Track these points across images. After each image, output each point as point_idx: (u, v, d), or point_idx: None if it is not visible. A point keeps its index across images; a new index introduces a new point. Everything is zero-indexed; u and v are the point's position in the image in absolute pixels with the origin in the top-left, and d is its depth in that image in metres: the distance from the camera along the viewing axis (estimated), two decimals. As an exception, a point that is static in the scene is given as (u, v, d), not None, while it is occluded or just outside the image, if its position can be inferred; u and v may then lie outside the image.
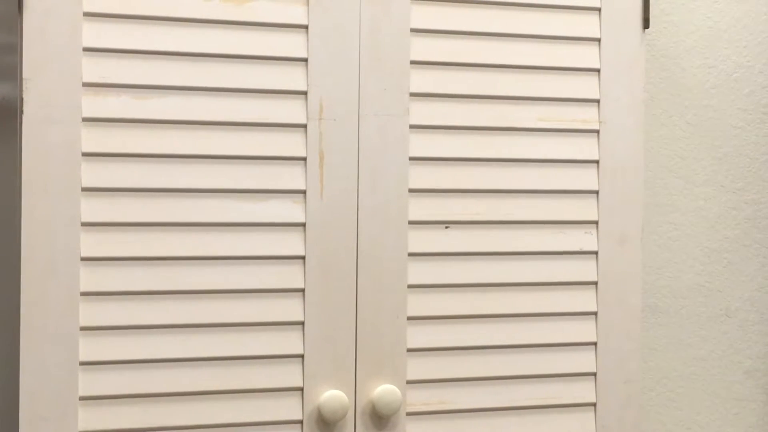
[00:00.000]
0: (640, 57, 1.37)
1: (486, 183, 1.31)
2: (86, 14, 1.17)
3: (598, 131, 1.35)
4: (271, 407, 1.24)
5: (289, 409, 1.24)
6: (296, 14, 1.24)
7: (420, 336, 1.29)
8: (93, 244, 1.17)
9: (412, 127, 1.28)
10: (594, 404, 1.36)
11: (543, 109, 1.33)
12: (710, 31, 1.69)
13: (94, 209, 1.17)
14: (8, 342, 1.21)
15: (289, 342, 1.24)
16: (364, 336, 1.26)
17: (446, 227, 1.30)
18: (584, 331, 1.35)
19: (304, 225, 1.24)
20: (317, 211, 1.24)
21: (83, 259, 1.17)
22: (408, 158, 1.28)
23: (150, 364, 1.20)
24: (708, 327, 1.70)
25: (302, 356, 1.24)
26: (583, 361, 1.35)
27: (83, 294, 1.17)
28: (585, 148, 1.35)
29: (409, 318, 1.28)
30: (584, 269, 1.35)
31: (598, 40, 1.35)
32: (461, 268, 1.30)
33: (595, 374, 1.36)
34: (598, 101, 1.35)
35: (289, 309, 1.24)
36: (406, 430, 1.28)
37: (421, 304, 1.29)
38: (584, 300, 1.35)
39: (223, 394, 1.22)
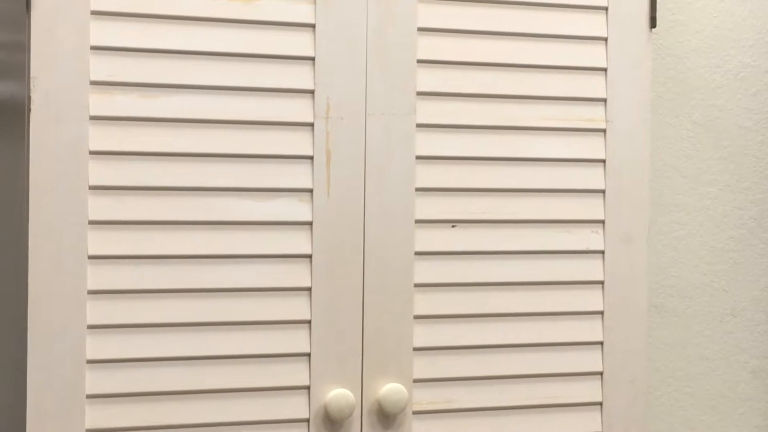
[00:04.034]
0: (647, 56, 1.37)
1: (493, 182, 1.31)
2: (94, 13, 1.17)
3: (604, 130, 1.35)
4: (277, 406, 1.24)
5: (295, 407, 1.24)
6: (303, 13, 1.24)
7: (426, 335, 1.29)
8: (100, 242, 1.17)
9: (418, 125, 1.28)
10: (600, 404, 1.36)
11: (549, 108, 1.33)
12: (716, 31, 1.69)
13: (102, 207, 1.18)
14: (16, 340, 1.21)
15: (295, 340, 1.24)
16: (370, 335, 1.26)
17: (453, 226, 1.30)
18: (590, 330, 1.35)
19: (310, 224, 1.24)
20: (324, 210, 1.24)
21: (90, 257, 1.17)
22: (415, 157, 1.28)
23: (157, 363, 1.20)
24: (714, 327, 1.70)
25: (309, 355, 1.24)
26: (589, 360, 1.35)
27: (90, 292, 1.17)
28: (591, 148, 1.35)
29: (416, 317, 1.28)
30: (590, 268, 1.35)
31: (605, 39, 1.35)
32: (467, 267, 1.30)
33: (601, 374, 1.36)
34: (604, 100, 1.35)
35: (296, 308, 1.24)
36: (413, 428, 1.28)
37: (427, 302, 1.29)
38: (590, 299, 1.35)
39: (229, 393, 1.22)
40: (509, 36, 1.32)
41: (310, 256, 1.24)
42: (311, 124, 1.24)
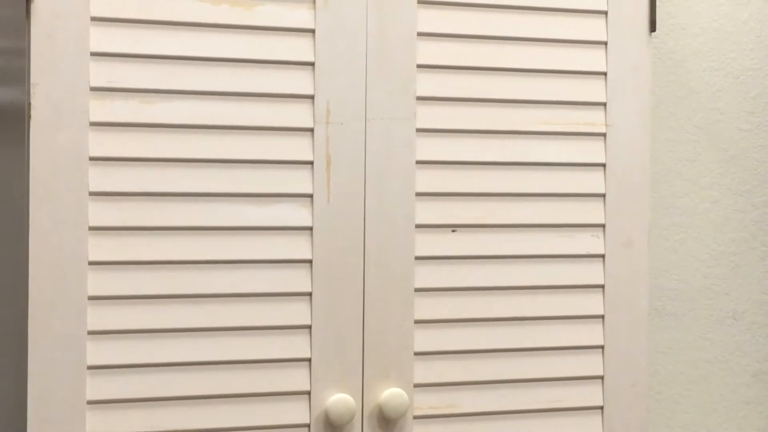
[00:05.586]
0: (647, 60, 1.37)
1: (493, 186, 1.31)
2: (94, 19, 1.17)
3: (604, 134, 1.35)
4: (278, 411, 1.24)
5: (296, 412, 1.24)
6: (303, 18, 1.24)
7: (427, 339, 1.29)
8: (100, 248, 1.18)
9: (418, 130, 1.28)
10: (601, 407, 1.36)
11: (550, 112, 1.33)
12: (717, 34, 1.69)
13: (102, 213, 1.18)
14: (16, 346, 1.21)
15: (296, 346, 1.24)
16: (371, 339, 1.26)
17: (453, 231, 1.30)
18: (591, 334, 1.35)
19: (311, 229, 1.24)
20: (324, 215, 1.24)
21: (91, 263, 1.17)
22: (415, 162, 1.28)
23: (157, 368, 1.20)
24: (715, 330, 1.70)
25: (309, 360, 1.24)
26: (590, 364, 1.35)
27: (91, 298, 1.17)
28: (592, 151, 1.35)
29: (416, 321, 1.28)
30: (591, 272, 1.35)
31: (605, 43, 1.35)
32: (468, 272, 1.30)
33: (602, 377, 1.36)
34: (604, 104, 1.35)
35: (297, 313, 1.24)
36: (414, 433, 1.28)
37: (427, 307, 1.29)
38: (591, 303, 1.35)
39: (230, 398, 1.22)
40: (509, 40, 1.32)
41: (310, 261, 1.24)
42: (311, 129, 1.24)
